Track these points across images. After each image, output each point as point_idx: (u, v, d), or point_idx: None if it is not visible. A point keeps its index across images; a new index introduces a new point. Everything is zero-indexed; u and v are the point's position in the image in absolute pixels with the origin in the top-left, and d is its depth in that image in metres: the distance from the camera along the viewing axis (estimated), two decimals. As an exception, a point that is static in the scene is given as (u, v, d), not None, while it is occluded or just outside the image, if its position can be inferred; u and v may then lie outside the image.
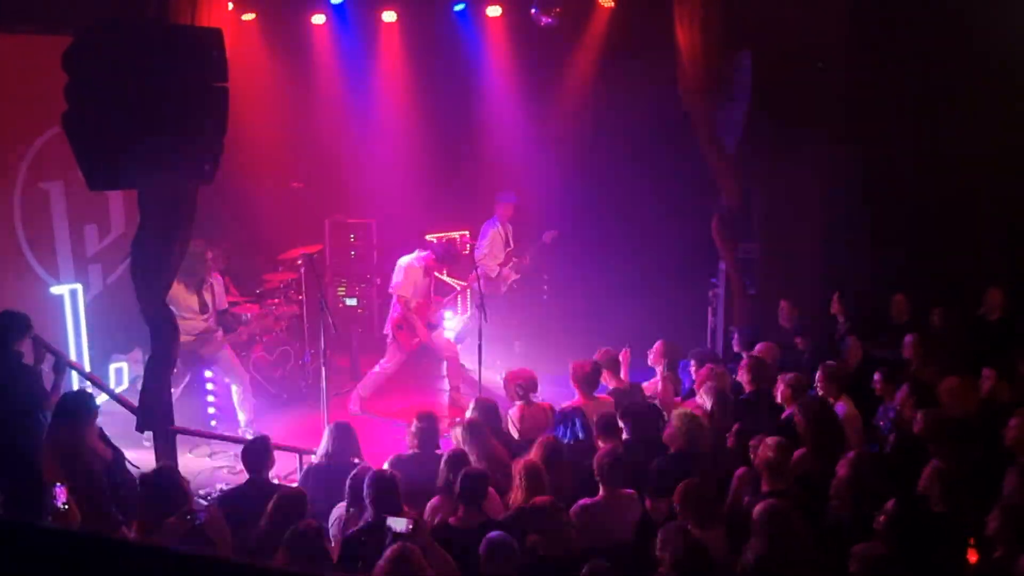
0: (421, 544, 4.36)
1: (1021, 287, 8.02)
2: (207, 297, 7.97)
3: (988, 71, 8.14)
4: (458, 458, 5.25)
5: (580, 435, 6.18)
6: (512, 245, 9.99)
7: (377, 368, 8.85)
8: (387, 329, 8.85)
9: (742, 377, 6.73)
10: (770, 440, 5.11)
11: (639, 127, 9.69)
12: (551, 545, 4.49)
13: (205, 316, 7.95)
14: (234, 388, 8.18)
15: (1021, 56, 7.93)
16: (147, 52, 5.35)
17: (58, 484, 5.10)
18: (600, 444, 5.67)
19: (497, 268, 9.87)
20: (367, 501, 4.72)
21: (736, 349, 7.88)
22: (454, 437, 5.72)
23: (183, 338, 7.69)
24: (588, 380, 6.64)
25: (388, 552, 3.96)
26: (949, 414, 5.72)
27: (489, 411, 6.17)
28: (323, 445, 5.79)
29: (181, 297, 7.73)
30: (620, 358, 7.16)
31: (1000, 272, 8.20)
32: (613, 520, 5.01)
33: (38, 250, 7.77)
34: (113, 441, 5.92)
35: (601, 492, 5.05)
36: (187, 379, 8.09)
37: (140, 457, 6.41)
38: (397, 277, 8.73)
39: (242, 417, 8.17)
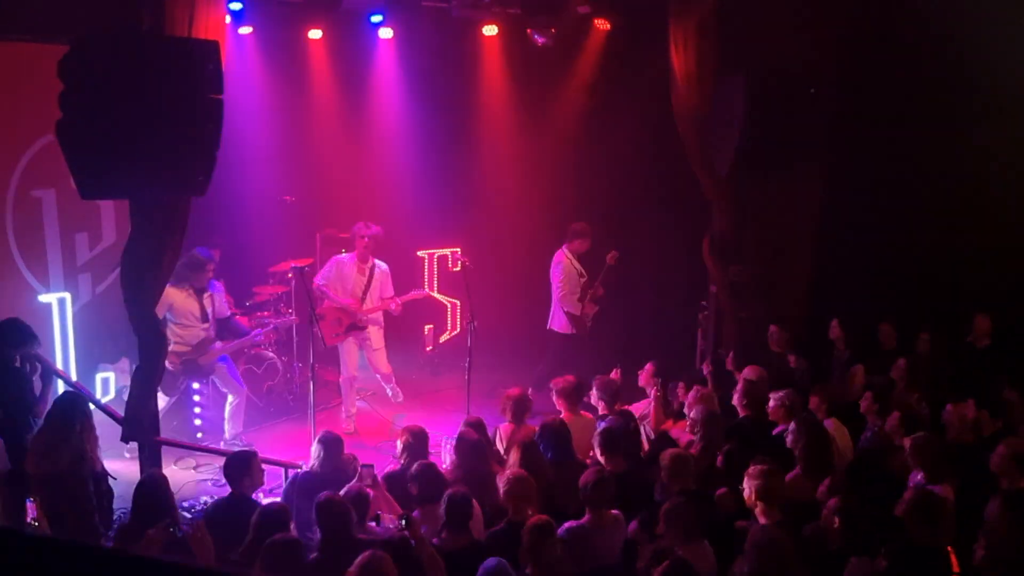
0: (415, 538, 4.44)
1: (1010, 314, 8.04)
2: (207, 305, 7.95)
3: (978, 95, 8.19)
4: (427, 471, 5.29)
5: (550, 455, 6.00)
6: (585, 275, 9.16)
7: (340, 381, 8.78)
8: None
9: (736, 401, 6.68)
10: (759, 467, 5.02)
11: (633, 149, 9.73)
12: (544, 571, 4.44)
13: (205, 325, 7.91)
14: (230, 399, 8.15)
15: (1011, 79, 7.98)
16: (143, 63, 5.37)
17: (29, 499, 5.07)
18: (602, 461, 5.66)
19: (579, 305, 9.07)
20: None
21: (730, 368, 7.86)
22: (445, 453, 5.71)
23: (182, 348, 7.70)
24: (573, 396, 6.72)
25: (360, 559, 3.94)
26: (941, 440, 5.76)
27: (482, 431, 6.18)
28: (311, 456, 5.81)
29: (180, 303, 7.70)
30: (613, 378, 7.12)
31: (989, 299, 8.22)
32: (600, 543, 4.97)
33: (29, 258, 7.74)
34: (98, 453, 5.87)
35: (587, 514, 5.03)
36: (183, 387, 8.04)
37: (123, 468, 6.36)
38: (322, 270, 8.73)
39: (228, 429, 8.13)
